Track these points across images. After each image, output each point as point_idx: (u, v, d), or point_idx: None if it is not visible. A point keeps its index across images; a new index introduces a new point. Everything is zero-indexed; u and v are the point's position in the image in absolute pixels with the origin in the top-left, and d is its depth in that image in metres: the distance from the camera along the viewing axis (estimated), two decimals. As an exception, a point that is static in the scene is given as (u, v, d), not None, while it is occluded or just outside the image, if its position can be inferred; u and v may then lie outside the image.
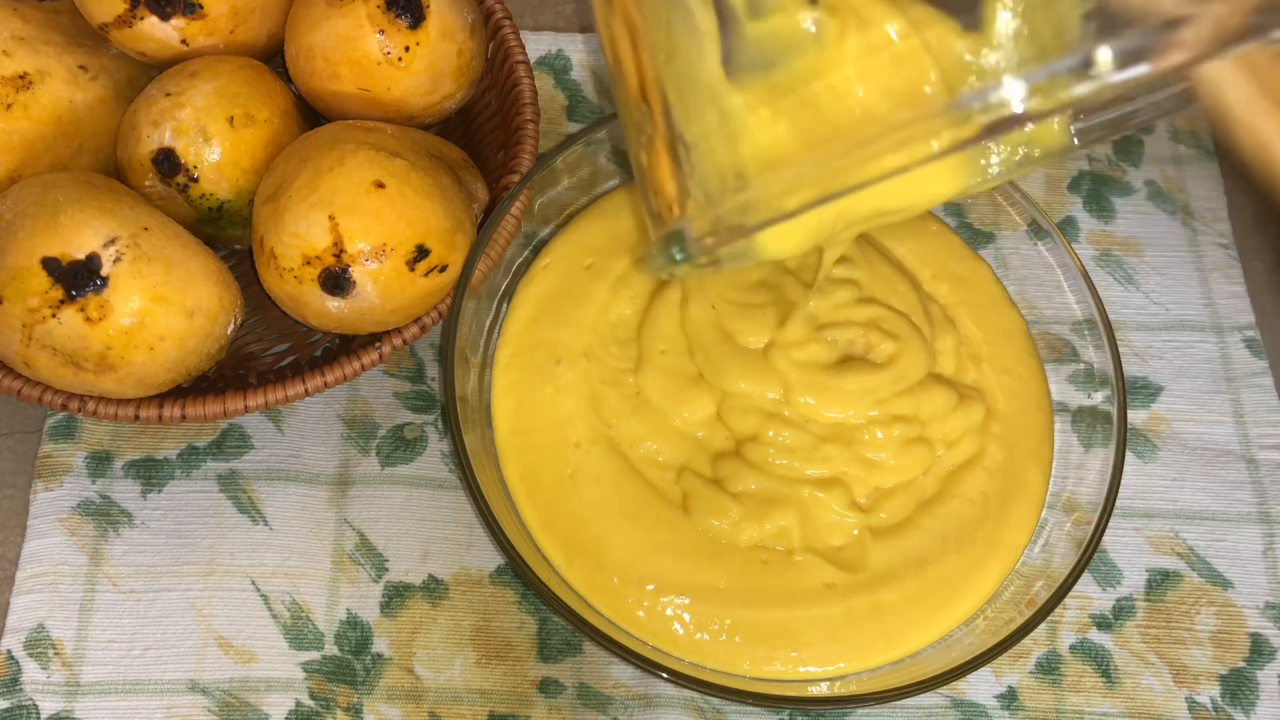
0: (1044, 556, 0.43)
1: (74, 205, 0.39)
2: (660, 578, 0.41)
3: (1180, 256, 0.53)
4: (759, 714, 0.43)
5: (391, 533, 0.46)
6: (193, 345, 0.41)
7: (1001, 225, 0.50)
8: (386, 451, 0.47)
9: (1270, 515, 0.47)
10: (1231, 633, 0.45)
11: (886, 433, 0.44)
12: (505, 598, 0.45)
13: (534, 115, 0.47)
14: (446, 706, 0.43)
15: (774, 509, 0.42)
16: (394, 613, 0.44)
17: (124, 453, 0.47)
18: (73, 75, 0.44)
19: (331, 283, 0.41)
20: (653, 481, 0.44)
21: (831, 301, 0.46)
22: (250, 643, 0.43)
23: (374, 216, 0.40)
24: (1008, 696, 0.44)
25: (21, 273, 0.38)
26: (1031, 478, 0.45)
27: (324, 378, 0.42)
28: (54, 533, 0.45)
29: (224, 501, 0.46)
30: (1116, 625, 0.45)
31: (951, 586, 0.42)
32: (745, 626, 0.41)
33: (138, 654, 0.43)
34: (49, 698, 0.42)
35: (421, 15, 0.44)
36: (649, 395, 0.45)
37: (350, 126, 0.43)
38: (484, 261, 0.44)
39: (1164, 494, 0.48)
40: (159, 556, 0.45)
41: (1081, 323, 0.46)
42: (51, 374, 0.39)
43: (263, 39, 0.46)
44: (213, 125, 0.42)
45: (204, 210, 0.44)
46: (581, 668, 0.44)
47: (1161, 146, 0.56)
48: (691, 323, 0.46)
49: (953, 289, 0.48)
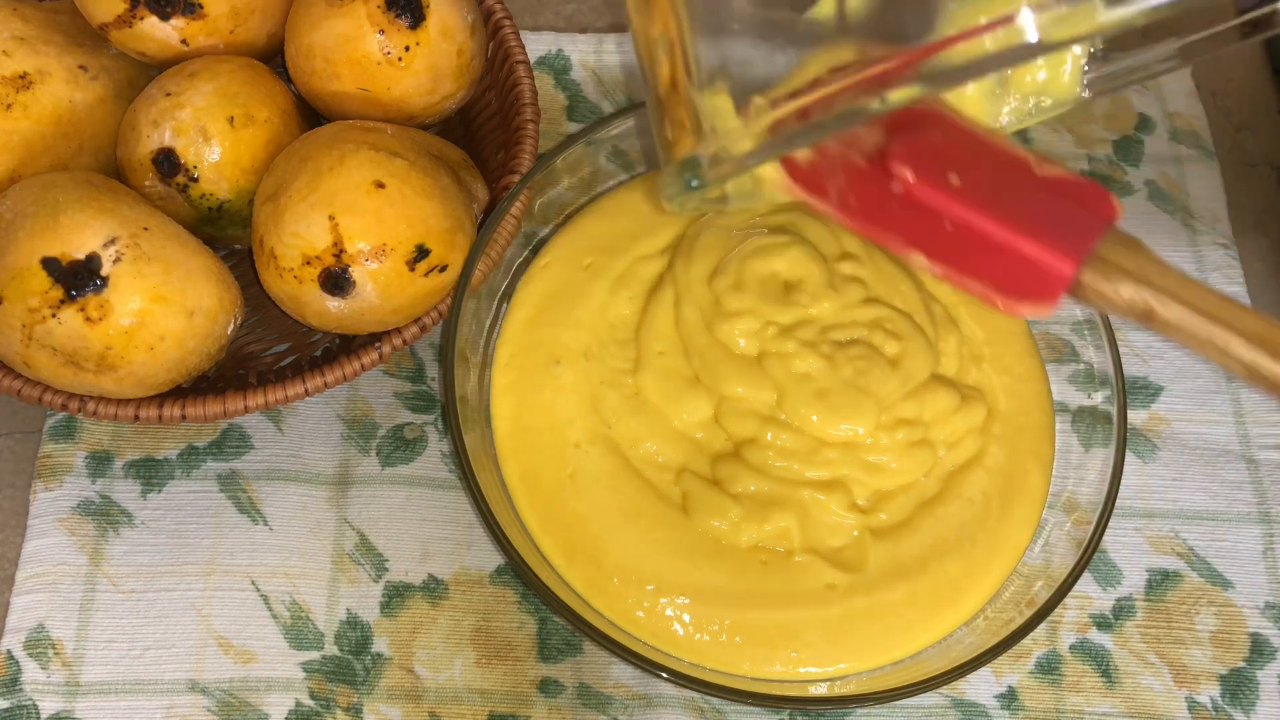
0: (1044, 556, 0.43)
1: (74, 205, 0.39)
2: (660, 578, 0.41)
3: (1180, 256, 0.53)
4: (759, 714, 0.43)
5: (391, 533, 0.46)
6: (193, 345, 0.41)
7: (1001, 225, 0.50)
8: (386, 451, 0.47)
9: (1270, 515, 0.47)
10: (1231, 633, 0.45)
11: (890, 436, 0.44)
12: (505, 598, 0.45)
13: (534, 115, 0.47)
14: (446, 706, 0.43)
15: (774, 510, 0.42)
16: (394, 613, 0.44)
17: (124, 453, 0.47)
18: (73, 75, 0.44)
19: (331, 283, 0.41)
20: (652, 482, 0.44)
21: (840, 301, 0.45)
22: (250, 643, 0.43)
23: (374, 216, 0.40)
24: (1008, 696, 0.44)
25: (21, 273, 0.38)
26: (1032, 478, 0.45)
27: (324, 378, 0.42)
28: (54, 533, 0.45)
29: (224, 501, 0.46)
30: (1116, 625, 0.45)
31: (952, 587, 0.42)
32: (745, 627, 0.41)
33: (138, 654, 0.43)
34: (49, 698, 0.42)
35: (421, 15, 0.44)
36: (648, 396, 0.45)
37: (350, 126, 0.43)
38: (484, 261, 0.44)
39: (1164, 494, 0.48)
40: (159, 556, 0.45)
41: (1082, 323, 0.46)
42: (51, 374, 0.39)
43: (263, 39, 0.46)
44: (213, 125, 0.42)
45: (204, 210, 0.44)
46: (581, 668, 0.44)
47: (1161, 146, 0.56)
48: (684, 325, 0.46)
49: (954, 288, 0.48)
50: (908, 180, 0.33)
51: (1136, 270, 0.32)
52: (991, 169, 0.34)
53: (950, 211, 0.33)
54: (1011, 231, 0.32)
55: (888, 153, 0.33)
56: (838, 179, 0.35)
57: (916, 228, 0.34)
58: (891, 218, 0.34)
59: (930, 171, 0.33)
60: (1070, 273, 0.32)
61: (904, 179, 0.33)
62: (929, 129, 0.35)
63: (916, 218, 0.34)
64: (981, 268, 0.34)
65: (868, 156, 0.34)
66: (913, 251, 0.35)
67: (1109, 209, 0.33)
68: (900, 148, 0.33)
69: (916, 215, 0.34)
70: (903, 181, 0.33)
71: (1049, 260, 0.32)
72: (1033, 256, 0.32)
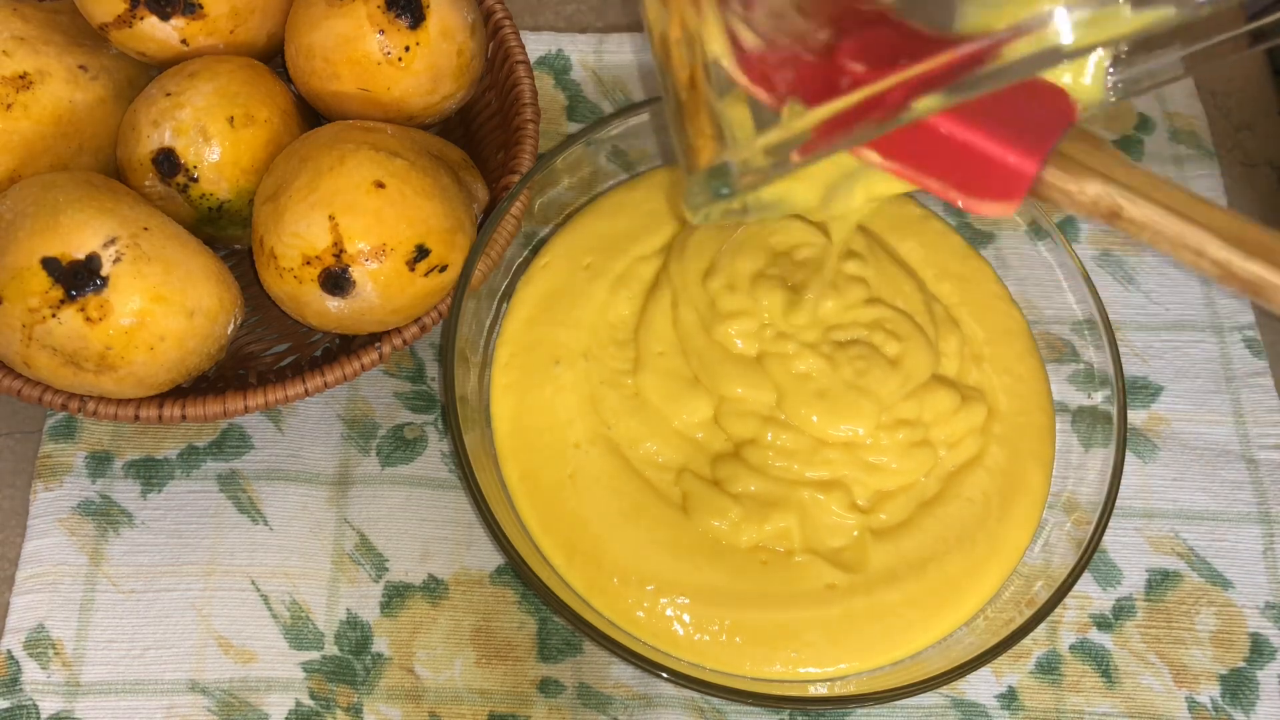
0: (1044, 556, 0.43)
1: (74, 205, 0.39)
2: (660, 578, 0.41)
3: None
4: (759, 714, 0.43)
5: (391, 533, 0.46)
6: (193, 345, 0.41)
7: (1002, 225, 0.50)
8: (386, 451, 0.47)
9: (1270, 515, 0.47)
10: (1231, 633, 0.45)
11: (890, 437, 0.44)
12: (505, 598, 0.45)
13: (534, 115, 0.47)
14: (446, 706, 0.43)
15: (774, 510, 0.42)
16: (394, 613, 0.44)
17: (124, 453, 0.47)
18: (73, 75, 0.44)
19: (331, 283, 0.41)
20: (652, 482, 0.44)
21: (842, 302, 0.45)
22: (250, 643, 0.43)
23: (374, 216, 0.40)
24: (1008, 696, 0.44)
25: (21, 273, 0.38)
26: (1033, 478, 0.45)
27: (324, 378, 0.42)
28: (54, 533, 0.45)
29: (224, 501, 0.46)
30: (1116, 625, 0.45)
31: (952, 587, 0.42)
32: (745, 627, 0.41)
33: (138, 654, 0.43)
34: (49, 698, 0.42)
35: (421, 15, 0.44)
36: (648, 396, 0.45)
37: (350, 126, 0.43)
38: (484, 261, 0.44)
39: (1164, 494, 0.48)
40: (159, 556, 0.45)
41: (1082, 323, 0.46)
42: (51, 374, 0.39)
43: (263, 39, 0.46)
44: (213, 125, 0.42)
45: (204, 210, 0.44)
46: (581, 668, 0.44)
47: (1162, 146, 0.56)
48: (682, 325, 0.46)
49: (955, 289, 0.48)
50: (860, 74, 0.31)
51: (1102, 167, 0.31)
52: (933, 71, 0.31)
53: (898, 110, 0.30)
54: (971, 130, 0.31)
55: (839, 48, 0.32)
56: (788, 74, 0.33)
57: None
58: (843, 114, 0.32)
59: (883, 67, 0.31)
60: (1033, 170, 0.31)
61: (855, 73, 0.31)
62: (879, 25, 0.32)
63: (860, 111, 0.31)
64: (941, 167, 0.32)
65: (817, 52, 0.32)
66: (867, 150, 0.33)
67: (1068, 107, 0.32)
68: (852, 43, 0.32)
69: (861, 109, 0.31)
70: (854, 75, 0.31)
71: (1011, 158, 0.31)
72: (994, 155, 0.31)
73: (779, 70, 0.33)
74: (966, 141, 0.31)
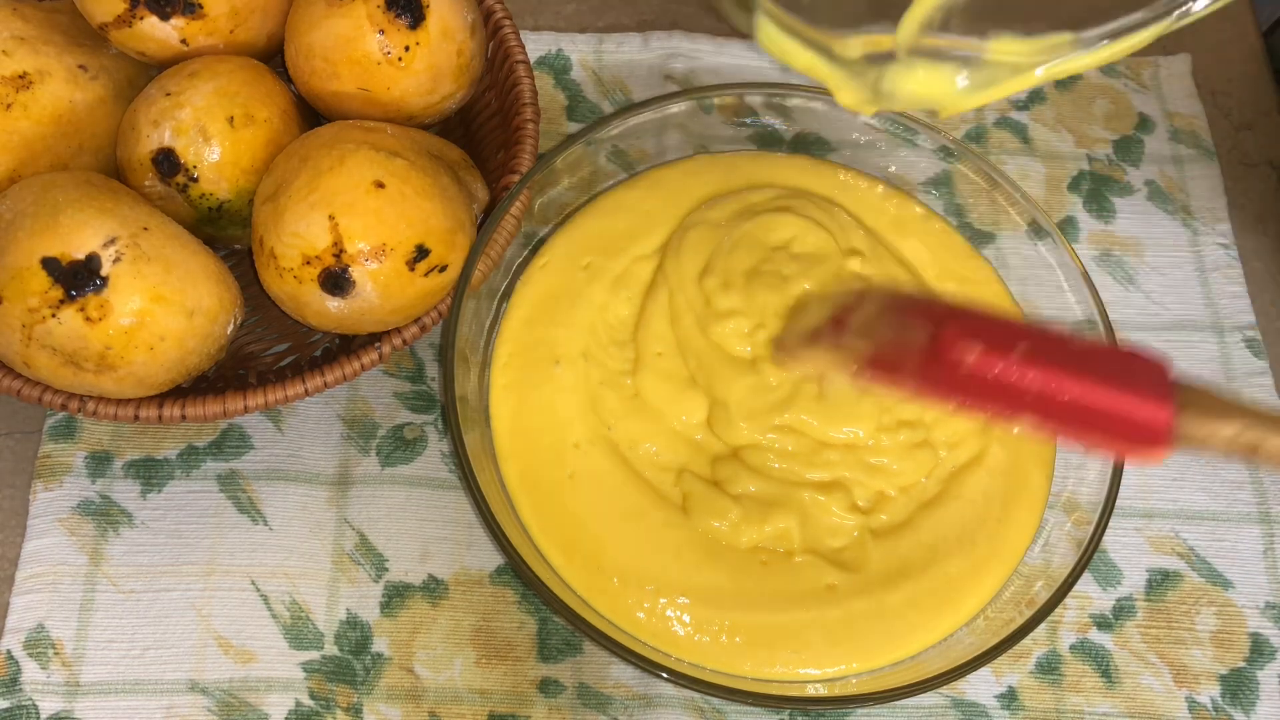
0: (1044, 556, 0.43)
1: (74, 205, 0.39)
2: (660, 578, 0.41)
3: (1180, 256, 0.53)
4: (759, 714, 0.43)
5: (391, 533, 0.46)
6: (193, 345, 0.41)
7: (1002, 225, 0.50)
8: (386, 451, 0.47)
9: (1270, 515, 0.47)
10: (1231, 633, 0.45)
11: (891, 438, 0.44)
12: (505, 598, 0.45)
13: (534, 115, 0.47)
14: (446, 706, 0.43)
15: (774, 511, 0.42)
16: (394, 613, 0.44)
17: (124, 453, 0.47)
18: (73, 75, 0.44)
19: (331, 283, 0.40)
20: (652, 482, 0.44)
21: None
22: (250, 643, 0.43)
23: (374, 216, 0.40)
24: (1008, 696, 0.44)
25: (21, 273, 0.38)
26: (1033, 478, 0.45)
27: (324, 378, 0.42)
28: (54, 533, 0.45)
29: (224, 501, 0.46)
30: (1117, 625, 0.45)
31: (953, 588, 0.42)
32: (745, 627, 0.41)
33: (137, 654, 0.43)
34: (49, 698, 0.42)
35: (421, 15, 0.44)
36: (647, 397, 0.45)
37: (350, 126, 0.43)
38: (484, 261, 0.44)
39: (1164, 494, 0.48)
40: (159, 556, 0.45)
41: (1082, 323, 0.46)
42: (51, 374, 0.39)
43: (263, 39, 0.46)
44: (212, 125, 0.42)
45: (204, 210, 0.44)
46: (581, 668, 0.44)
47: (1162, 146, 0.56)
48: (679, 326, 0.46)
49: (957, 288, 0.48)
50: (968, 358, 0.34)
51: (1223, 410, 0.32)
52: (1041, 342, 0.35)
53: (1027, 380, 0.33)
54: (1102, 390, 0.33)
55: (943, 336, 0.34)
56: (909, 368, 0.36)
57: (999, 396, 0.34)
58: (969, 389, 0.35)
59: (993, 346, 0.34)
60: (1168, 419, 0.32)
61: (965, 357, 0.34)
62: (965, 316, 0.36)
63: (993, 389, 0.34)
64: (1081, 428, 0.34)
65: (922, 349, 0.35)
66: (1017, 416, 0.35)
67: (1158, 363, 0.33)
68: (953, 329, 0.34)
69: (992, 387, 0.34)
70: (962, 359, 0.34)
71: (1146, 411, 0.32)
72: (1130, 411, 0.33)
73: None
74: (1101, 401, 0.33)
